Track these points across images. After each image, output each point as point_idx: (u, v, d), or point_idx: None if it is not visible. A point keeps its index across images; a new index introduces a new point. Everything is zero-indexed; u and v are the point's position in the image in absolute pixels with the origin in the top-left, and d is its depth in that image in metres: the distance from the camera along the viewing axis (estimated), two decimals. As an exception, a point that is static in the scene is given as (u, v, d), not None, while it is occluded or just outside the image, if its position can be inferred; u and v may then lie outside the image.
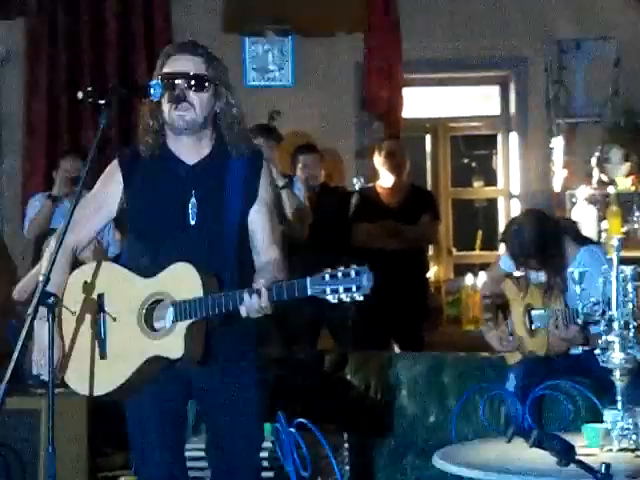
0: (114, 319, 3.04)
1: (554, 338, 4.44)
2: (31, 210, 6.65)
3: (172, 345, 2.94)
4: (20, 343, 2.86)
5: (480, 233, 7.93)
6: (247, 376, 3.14)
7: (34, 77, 7.38)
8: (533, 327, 4.58)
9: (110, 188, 3.23)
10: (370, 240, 6.39)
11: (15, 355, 2.84)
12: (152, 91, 3.16)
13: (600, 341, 3.55)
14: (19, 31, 7.40)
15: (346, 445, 4.35)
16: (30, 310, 2.91)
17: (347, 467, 4.23)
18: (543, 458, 2.76)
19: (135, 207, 3.18)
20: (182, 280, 2.96)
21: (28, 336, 2.97)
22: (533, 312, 4.57)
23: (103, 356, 3.06)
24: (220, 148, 3.16)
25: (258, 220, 3.13)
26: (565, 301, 4.45)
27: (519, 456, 3.09)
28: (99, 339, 3.07)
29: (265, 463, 3.58)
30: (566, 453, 2.61)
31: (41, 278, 3.03)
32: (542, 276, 4.59)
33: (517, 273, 4.75)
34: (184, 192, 3.13)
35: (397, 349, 6.39)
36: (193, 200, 3.12)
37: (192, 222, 3.11)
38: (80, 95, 3.14)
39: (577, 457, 2.63)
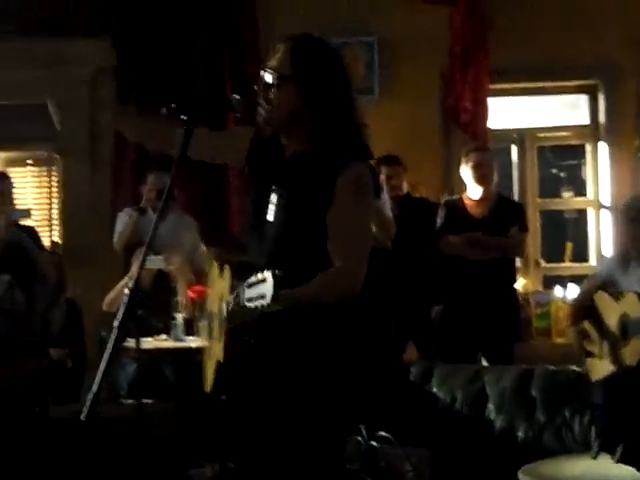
0: None
1: None
2: (120, 224, 6.79)
3: None
4: (107, 354, 2.87)
5: (570, 245, 7.82)
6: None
7: (124, 93, 7.49)
8: (629, 335, 4.46)
9: None
10: (457, 252, 6.34)
11: (102, 366, 2.85)
12: (234, 105, 3.16)
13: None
14: (108, 49, 7.51)
15: (428, 459, 4.31)
16: (116, 323, 2.92)
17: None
18: (630, 474, 2.71)
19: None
20: None
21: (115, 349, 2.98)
22: (630, 318, 4.45)
23: None
24: (315, 149, 3.02)
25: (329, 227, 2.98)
26: None
27: (605, 472, 3.03)
28: None
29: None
30: (653, 470, 2.56)
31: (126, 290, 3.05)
32: None
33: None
34: (268, 186, 3.10)
35: (485, 364, 6.31)
36: (273, 197, 3.08)
37: (269, 218, 3.07)
38: (164, 111, 3.15)
39: (665, 474, 2.58)
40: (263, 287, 2.77)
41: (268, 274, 2.78)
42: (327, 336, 2.93)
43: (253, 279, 2.81)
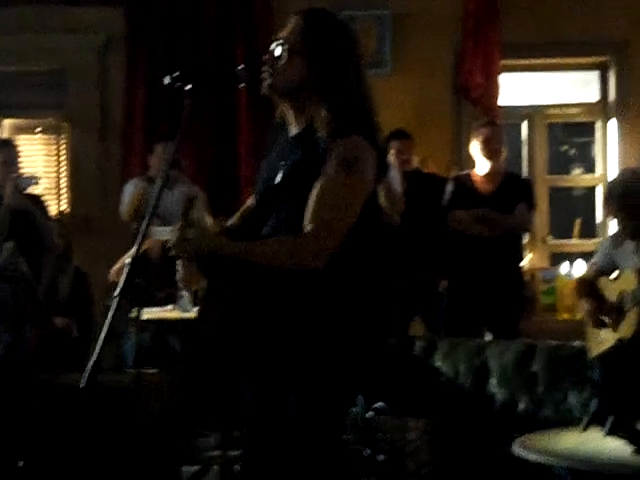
0: None
1: None
2: (127, 193, 6.82)
3: None
4: (107, 323, 2.88)
5: (578, 221, 7.82)
6: None
7: (134, 63, 7.50)
8: (625, 309, 4.45)
9: None
10: (464, 227, 6.35)
11: (102, 335, 2.87)
12: (239, 76, 3.16)
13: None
14: (119, 18, 7.51)
15: (428, 430, 4.34)
16: (116, 292, 2.93)
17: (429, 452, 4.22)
18: (621, 447, 2.72)
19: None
20: None
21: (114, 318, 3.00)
22: (627, 292, 4.46)
23: None
24: (313, 127, 2.98)
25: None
26: None
27: (597, 445, 3.05)
28: None
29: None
30: (644, 443, 2.58)
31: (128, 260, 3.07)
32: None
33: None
34: (277, 164, 3.07)
35: (490, 338, 6.33)
36: (280, 174, 3.04)
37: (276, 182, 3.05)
38: (167, 80, 3.15)
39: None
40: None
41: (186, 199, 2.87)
42: (320, 303, 2.94)
43: None
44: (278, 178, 3.03)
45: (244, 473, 3.14)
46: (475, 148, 6.48)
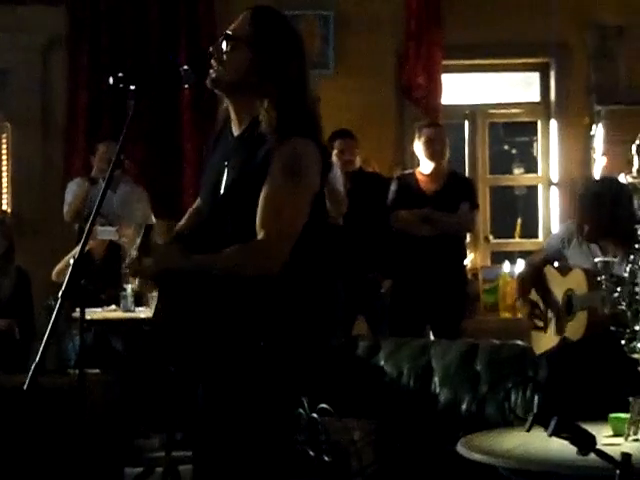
0: None
1: (596, 318, 4.35)
2: (70, 194, 6.78)
3: None
4: (51, 324, 2.86)
5: (519, 221, 7.90)
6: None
7: (77, 62, 7.44)
8: (573, 310, 4.50)
9: None
10: (407, 227, 6.39)
11: (46, 336, 2.84)
12: (184, 77, 3.14)
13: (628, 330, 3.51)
14: (62, 17, 7.44)
15: (372, 431, 4.36)
16: (60, 293, 2.91)
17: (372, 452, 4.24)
18: (565, 447, 2.75)
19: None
20: None
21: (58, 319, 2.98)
22: (575, 294, 4.50)
23: None
24: (257, 125, 2.97)
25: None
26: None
27: (541, 445, 3.08)
28: None
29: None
30: (586, 443, 2.60)
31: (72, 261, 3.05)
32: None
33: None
34: (222, 165, 3.07)
35: (432, 337, 6.38)
36: (225, 174, 3.03)
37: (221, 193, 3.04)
38: (111, 80, 3.13)
39: (598, 447, 2.63)
40: (138, 239, 2.86)
41: (142, 228, 2.87)
42: (269, 307, 2.94)
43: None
44: (224, 183, 3.03)
45: (195, 474, 3.14)
46: (418, 148, 6.53)
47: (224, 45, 3.03)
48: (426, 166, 6.50)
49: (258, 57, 2.99)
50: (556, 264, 4.73)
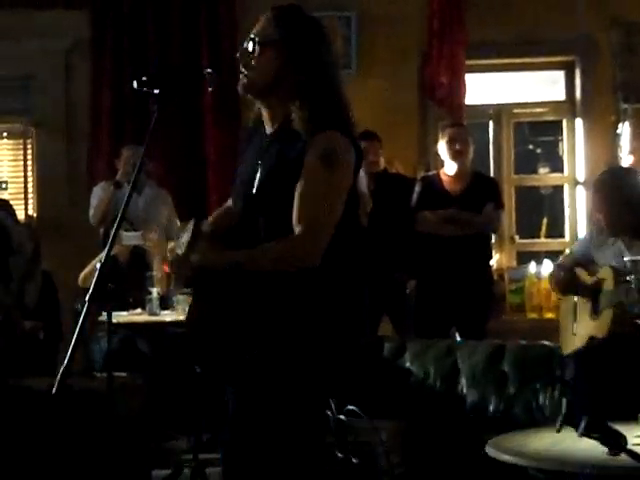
0: None
1: (623, 315, 4.32)
2: (95, 198, 6.80)
3: None
4: (79, 328, 2.86)
5: (545, 221, 7.86)
6: None
7: (100, 66, 7.47)
8: (599, 308, 4.47)
9: None
10: (433, 228, 6.37)
11: (74, 339, 2.85)
12: (208, 80, 3.15)
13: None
14: (85, 21, 7.47)
15: (399, 432, 4.34)
16: (87, 296, 2.91)
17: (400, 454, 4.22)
18: (595, 448, 2.74)
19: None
20: None
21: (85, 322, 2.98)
22: (602, 291, 4.45)
23: None
24: (290, 122, 2.97)
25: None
26: None
27: (571, 446, 3.06)
28: None
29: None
30: (616, 443, 2.58)
31: (98, 265, 3.05)
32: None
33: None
34: (255, 163, 3.07)
35: (458, 339, 6.36)
36: (259, 172, 3.03)
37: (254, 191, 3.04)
38: (135, 84, 3.13)
39: (628, 447, 2.61)
40: (186, 234, 2.85)
41: (192, 222, 2.85)
42: (298, 307, 2.93)
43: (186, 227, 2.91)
44: (257, 181, 3.03)
45: (225, 475, 3.13)
46: (442, 149, 6.50)
47: (251, 49, 3.02)
48: (450, 166, 6.48)
49: (287, 58, 2.99)
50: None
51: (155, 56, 7.36)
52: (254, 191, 3.03)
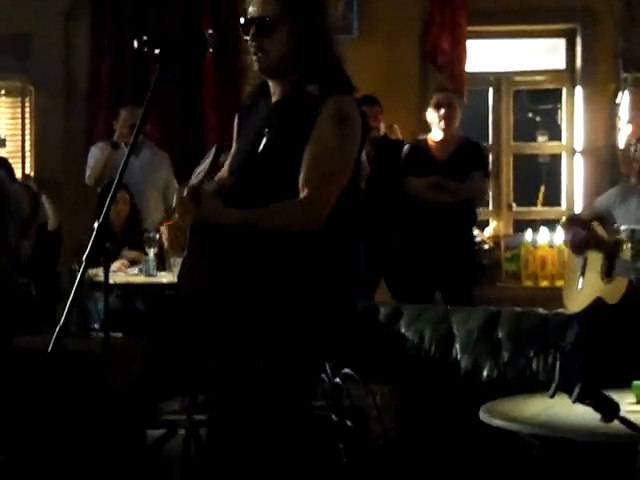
0: None
1: (636, 288, 4.30)
2: (92, 158, 6.79)
3: None
4: (75, 288, 2.86)
5: (542, 189, 7.86)
6: None
7: (99, 27, 7.44)
8: (614, 273, 4.46)
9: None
10: (419, 193, 6.37)
11: (70, 299, 2.85)
12: (208, 41, 3.13)
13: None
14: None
15: (393, 396, 4.36)
16: (84, 256, 2.91)
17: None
18: (588, 414, 2.75)
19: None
20: None
21: (82, 282, 2.98)
22: (620, 257, 4.43)
23: None
24: (300, 87, 3.01)
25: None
26: None
27: (564, 411, 3.08)
28: None
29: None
30: (609, 410, 2.60)
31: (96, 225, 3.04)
32: None
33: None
34: (260, 130, 3.07)
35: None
36: (264, 139, 3.04)
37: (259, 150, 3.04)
38: (135, 44, 3.11)
39: (621, 414, 2.62)
40: (207, 160, 2.84)
41: (213, 148, 2.85)
42: (296, 270, 2.95)
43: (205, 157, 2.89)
44: (263, 144, 3.03)
45: (210, 438, 3.15)
46: (430, 114, 6.50)
47: (261, 30, 3.01)
48: (436, 132, 6.48)
49: (296, 33, 3.01)
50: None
51: (155, 18, 7.33)
52: (260, 150, 3.03)
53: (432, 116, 6.48)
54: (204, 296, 3.05)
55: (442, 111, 6.42)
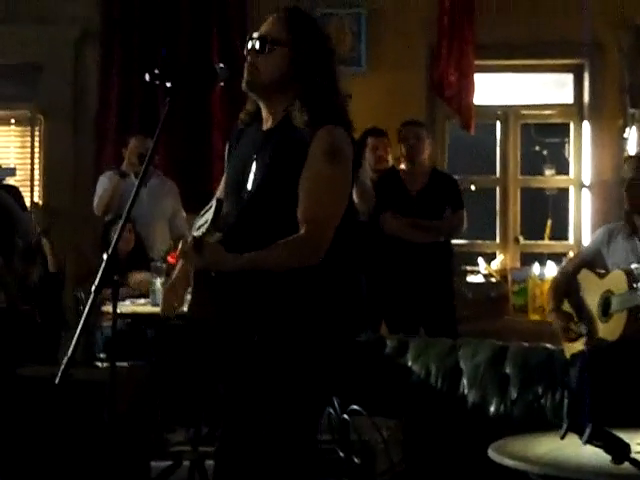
0: None
1: (636, 320, 4.28)
2: (100, 187, 6.80)
3: None
4: (84, 319, 2.86)
5: (549, 222, 7.86)
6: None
7: (109, 56, 7.47)
8: (611, 310, 4.43)
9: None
10: (394, 232, 6.34)
11: (78, 329, 2.85)
12: (219, 74, 3.16)
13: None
14: (95, 10, 7.48)
15: (400, 430, 4.34)
16: (93, 287, 2.91)
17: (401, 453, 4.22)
18: (598, 455, 2.74)
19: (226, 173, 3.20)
20: None
21: (90, 313, 2.97)
22: (614, 295, 4.42)
23: None
24: (291, 117, 3.02)
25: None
26: None
27: (574, 452, 3.06)
28: None
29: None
30: (620, 451, 2.58)
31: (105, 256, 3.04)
32: None
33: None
34: (249, 158, 3.09)
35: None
36: (254, 166, 3.07)
37: (249, 187, 3.07)
38: (147, 77, 3.13)
39: (632, 455, 2.61)
40: (208, 213, 2.85)
41: (213, 201, 2.85)
42: (301, 304, 2.95)
43: (205, 208, 2.90)
44: (251, 176, 3.03)
45: (217, 469, 3.14)
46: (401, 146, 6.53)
47: (258, 47, 3.04)
48: (405, 164, 6.50)
49: (295, 59, 3.03)
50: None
51: (163, 48, 7.35)
52: (249, 186, 3.03)
53: (401, 149, 6.48)
54: (211, 329, 3.05)
55: (408, 144, 6.44)
